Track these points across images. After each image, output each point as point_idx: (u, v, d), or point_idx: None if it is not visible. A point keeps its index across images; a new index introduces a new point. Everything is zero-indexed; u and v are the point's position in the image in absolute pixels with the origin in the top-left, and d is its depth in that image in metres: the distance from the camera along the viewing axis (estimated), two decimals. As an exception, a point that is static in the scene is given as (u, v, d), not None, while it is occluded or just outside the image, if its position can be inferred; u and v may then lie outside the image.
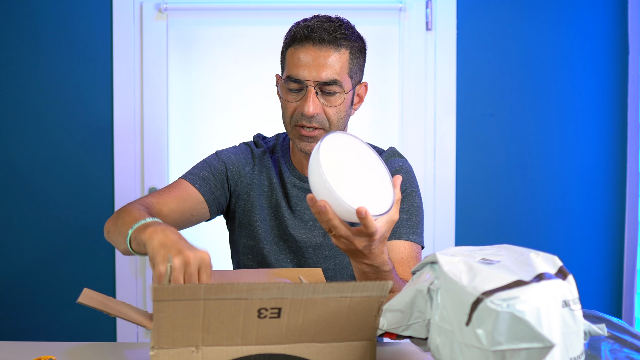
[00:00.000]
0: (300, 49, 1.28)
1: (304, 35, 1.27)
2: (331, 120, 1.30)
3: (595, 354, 0.87)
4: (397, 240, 1.32)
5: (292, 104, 1.30)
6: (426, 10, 2.25)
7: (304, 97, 1.28)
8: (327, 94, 1.28)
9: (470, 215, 2.29)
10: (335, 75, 1.27)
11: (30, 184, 2.25)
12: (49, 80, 2.24)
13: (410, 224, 1.34)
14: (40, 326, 2.28)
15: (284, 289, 0.81)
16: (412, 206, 1.36)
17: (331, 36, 1.27)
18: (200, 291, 0.79)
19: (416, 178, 1.42)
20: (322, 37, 1.26)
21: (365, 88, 1.39)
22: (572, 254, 2.29)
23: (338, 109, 1.30)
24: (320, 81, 1.27)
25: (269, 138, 1.49)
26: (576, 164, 2.29)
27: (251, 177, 1.40)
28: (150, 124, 2.25)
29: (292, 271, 1.18)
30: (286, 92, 1.31)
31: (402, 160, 1.43)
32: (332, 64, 1.27)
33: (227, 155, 1.41)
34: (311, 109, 1.26)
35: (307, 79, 1.27)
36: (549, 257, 0.82)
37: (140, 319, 1.07)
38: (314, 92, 1.27)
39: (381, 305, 0.85)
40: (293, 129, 1.31)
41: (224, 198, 1.38)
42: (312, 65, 1.26)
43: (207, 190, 1.35)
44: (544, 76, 2.27)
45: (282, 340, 0.85)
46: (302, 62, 1.27)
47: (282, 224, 1.38)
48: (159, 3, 2.22)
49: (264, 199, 1.39)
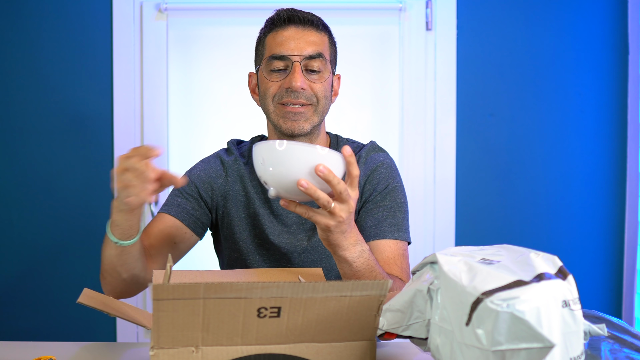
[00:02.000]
0: (282, 31, 1.29)
1: (286, 17, 1.28)
2: (318, 96, 1.28)
3: (595, 354, 0.87)
4: (381, 240, 1.29)
5: (276, 83, 1.28)
6: (426, 10, 2.25)
7: (289, 73, 1.26)
8: (311, 72, 1.28)
9: (470, 215, 2.29)
10: (320, 49, 1.28)
11: (30, 183, 2.25)
12: (49, 80, 2.24)
13: (394, 222, 1.30)
14: (40, 326, 2.28)
15: (284, 288, 0.80)
16: (396, 202, 1.33)
17: (313, 18, 1.29)
18: (199, 290, 0.79)
19: (399, 172, 1.38)
20: (305, 18, 1.28)
21: (339, 81, 1.38)
22: (572, 254, 2.29)
23: (323, 86, 1.28)
24: (306, 55, 1.26)
25: (244, 142, 1.45)
26: (576, 164, 2.29)
27: (224, 189, 1.36)
28: (150, 124, 2.25)
29: (292, 271, 1.18)
30: (269, 72, 1.29)
31: (383, 155, 1.39)
32: (315, 40, 1.28)
33: (196, 174, 1.37)
34: (298, 83, 1.24)
35: (292, 54, 1.26)
36: (549, 257, 0.82)
37: (141, 319, 1.07)
38: (299, 67, 1.26)
39: (381, 305, 0.85)
40: (276, 107, 1.28)
41: (205, 217, 1.35)
42: (295, 42, 1.27)
43: (185, 215, 1.31)
44: (544, 76, 2.27)
45: (282, 340, 0.85)
46: (285, 39, 1.27)
47: (262, 233, 1.34)
48: (159, 3, 2.22)
49: (241, 209, 1.35)
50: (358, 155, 1.37)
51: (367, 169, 1.35)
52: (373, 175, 1.34)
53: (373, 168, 1.35)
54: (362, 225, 1.32)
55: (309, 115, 1.28)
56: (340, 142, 1.41)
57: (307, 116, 1.28)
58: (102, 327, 2.29)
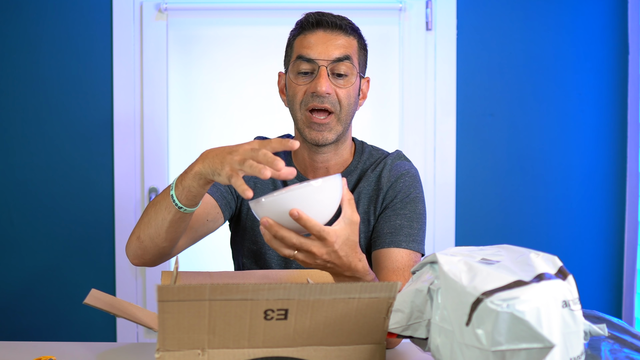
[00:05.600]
0: (310, 35, 1.30)
1: (315, 21, 1.30)
2: (342, 103, 1.29)
3: (595, 354, 0.87)
4: (395, 248, 1.29)
5: (302, 87, 1.29)
6: (426, 10, 2.25)
7: (315, 77, 1.28)
8: (338, 76, 1.29)
9: (470, 215, 2.29)
10: (347, 52, 1.29)
11: (30, 183, 2.25)
12: (49, 80, 2.24)
13: (410, 232, 1.31)
14: (40, 326, 2.28)
15: (291, 290, 0.79)
16: (415, 213, 1.33)
17: (342, 22, 1.30)
18: (205, 291, 0.78)
19: (421, 184, 1.39)
20: (333, 22, 1.29)
21: (368, 84, 1.39)
22: (572, 254, 2.29)
23: (348, 91, 1.30)
24: (332, 59, 1.27)
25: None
26: (576, 164, 2.29)
27: (254, 181, 1.39)
28: (150, 124, 2.25)
29: (301, 272, 1.17)
30: (296, 75, 1.30)
31: (408, 164, 1.40)
32: (342, 44, 1.29)
33: None
34: (324, 87, 1.26)
35: (318, 58, 1.27)
36: (549, 257, 0.82)
37: (147, 321, 1.07)
38: (326, 72, 1.27)
39: (390, 307, 0.83)
40: (303, 115, 1.30)
41: (233, 202, 1.38)
42: (323, 45, 1.28)
43: (219, 195, 1.34)
44: (544, 76, 2.27)
45: (290, 343, 0.84)
46: (313, 43, 1.29)
47: None
48: (159, 3, 2.22)
49: None
50: (383, 162, 1.38)
51: (392, 176, 1.36)
52: (397, 182, 1.35)
53: (397, 176, 1.36)
54: (378, 231, 1.33)
55: (333, 125, 1.30)
56: (366, 149, 1.43)
57: (331, 126, 1.30)
58: (102, 327, 2.29)
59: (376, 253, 1.30)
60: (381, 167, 1.37)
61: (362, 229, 1.35)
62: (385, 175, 1.35)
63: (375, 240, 1.33)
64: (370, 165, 1.39)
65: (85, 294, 1.08)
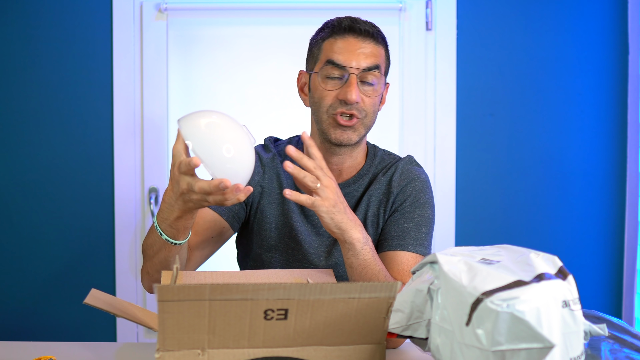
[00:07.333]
0: (341, 39, 1.30)
1: (347, 26, 1.30)
2: (368, 110, 1.30)
3: (595, 354, 0.87)
4: (402, 251, 1.30)
5: (332, 92, 1.29)
6: (426, 10, 2.25)
7: (344, 84, 1.28)
8: (366, 84, 1.29)
9: (470, 215, 2.29)
10: (377, 62, 1.29)
11: (30, 183, 2.25)
12: (48, 80, 2.24)
13: (418, 235, 1.32)
14: (40, 326, 2.28)
15: (291, 290, 0.79)
16: (424, 217, 1.34)
17: (373, 29, 1.31)
18: (205, 291, 0.78)
19: (432, 189, 1.40)
20: (365, 29, 1.29)
21: (387, 89, 1.40)
22: (572, 254, 2.29)
23: (374, 100, 1.31)
24: (363, 68, 1.27)
25: (282, 141, 1.47)
26: (576, 164, 2.29)
27: (261, 185, 1.38)
28: (150, 124, 2.25)
29: (302, 272, 1.17)
30: (324, 79, 1.30)
31: (419, 170, 1.41)
32: (373, 53, 1.30)
33: None
34: (354, 96, 1.26)
35: (350, 65, 1.27)
36: (549, 257, 0.82)
37: (147, 320, 1.07)
38: (356, 80, 1.27)
39: (390, 307, 0.83)
40: (329, 117, 1.30)
41: (242, 211, 1.37)
42: (354, 53, 1.28)
43: (224, 210, 1.33)
44: (544, 76, 2.27)
45: (290, 343, 0.84)
46: (344, 49, 1.28)
47: (292, 232, 1.36)
48: (159, 3, 2.22)
49: (275, 207, 1.38)
50: (395, 167, 1.39)
51: (403, 180, 1.37)
52: (407, 187, 1.36)
53: (408, 180, 1.37)
54: (386, 234, 1.34)
55: (357, 127, 1.31)
56: (378, 153, 1.44)
57: (356, 128, 1.31)
58: (102, 327, 2.29)
59: (382, 255, 1.31)
60: (392, 171, 1.38)
61: (371, 231, 1.36)
62: (396, 179, 1.36)
63: (383, 243, 1.33)
64: (382, 169, 1.40)
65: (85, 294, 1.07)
